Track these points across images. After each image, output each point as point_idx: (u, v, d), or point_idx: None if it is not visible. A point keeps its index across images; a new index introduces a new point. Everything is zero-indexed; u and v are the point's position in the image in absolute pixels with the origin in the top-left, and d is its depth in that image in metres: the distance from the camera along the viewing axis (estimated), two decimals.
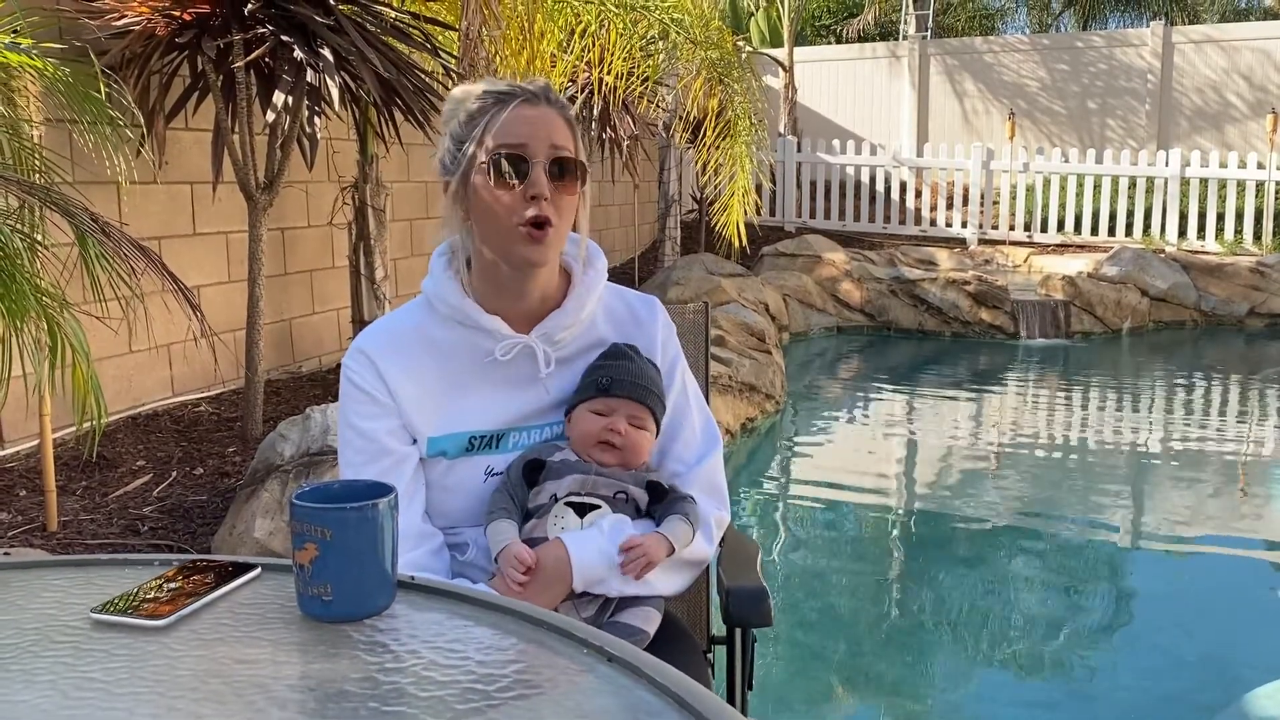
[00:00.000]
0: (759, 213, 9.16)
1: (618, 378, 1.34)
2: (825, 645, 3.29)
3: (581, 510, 1.30)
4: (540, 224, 1.28)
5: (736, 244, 7.73)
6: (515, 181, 1.27)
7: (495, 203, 1.28)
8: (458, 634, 0.87)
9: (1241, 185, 9.75)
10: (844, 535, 4.33)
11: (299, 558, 0.89)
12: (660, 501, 1.34)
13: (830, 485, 5.04)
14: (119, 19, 3.79)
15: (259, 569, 0.99)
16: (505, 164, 1.27)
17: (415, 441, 1.35)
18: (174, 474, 3.67)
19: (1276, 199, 9.62)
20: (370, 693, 0.76)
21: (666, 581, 1.35)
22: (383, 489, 0.92)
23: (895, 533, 4.36)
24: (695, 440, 1.44)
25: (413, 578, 0.97)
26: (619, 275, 8.90)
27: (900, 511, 4.62)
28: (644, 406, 1.35)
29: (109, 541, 3.10)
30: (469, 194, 1.31)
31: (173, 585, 0.95)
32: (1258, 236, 9.69)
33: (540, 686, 0.77)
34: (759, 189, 8.95)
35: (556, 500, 1.30)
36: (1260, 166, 9.62)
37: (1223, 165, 9.79)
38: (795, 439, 5.88)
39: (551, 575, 1.26)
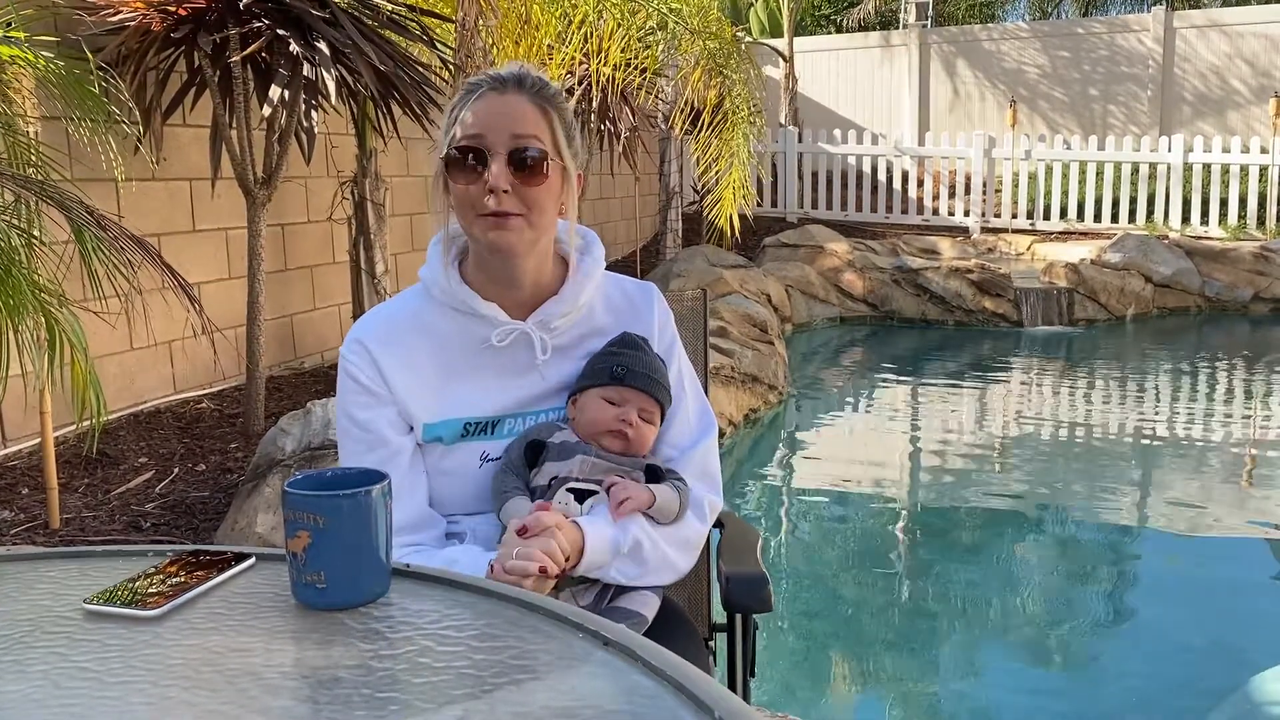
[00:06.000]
0: (759, 203, 9.13)
1: (633, 368, 1.34)
2: (830, 633, 3.28)
3: (581, 496, 1.30)
4: (500, 215, 1.27)
5: (728, 234, 7.71)
6: (474, 174, 1.27)
7: (458, 194, 1.29)
8: (452, 620, 0.86)
9: (1245, 170, 9.71)
10: (848, 525, 4.32)
11: (292, 546, 0.88)
12: (655, 483, 1.34)
13: (834, 475, 5.03)
14: (114, 14, 3.78)
15: (253, 558, 0.99)
16: (461, 156, 1.27)
17: (412, 429, 1.35)
18: (176, 470, 3.67)
19: None
20: (364, 679, 0.75)
21: (662, 568, 1.34)
22: (376, 476, 0.92)
23: (900, 521, 4.35)
24: (690, 426, 1.43)
25: (408, 565, 0.96)
26: (621, 268, 8.88)
27: (904, 500, 4.61)
28: (655, 400, 1.36)
29: (111, 539, 3.10)
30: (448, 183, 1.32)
31: (168, 576, 0.94)
32: (1261, 221, 9.65)
33: (535, 671, 0.77)
34: (758, 180, 8.93)
35: (556, 481, 1.30)
36: (1263, 151, 9.58)
37: (1225, 150, 9.75)
38: (798, 430, 5.88)
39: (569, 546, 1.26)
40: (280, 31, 3.72)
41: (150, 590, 0.91)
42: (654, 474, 1.35)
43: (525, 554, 1.17)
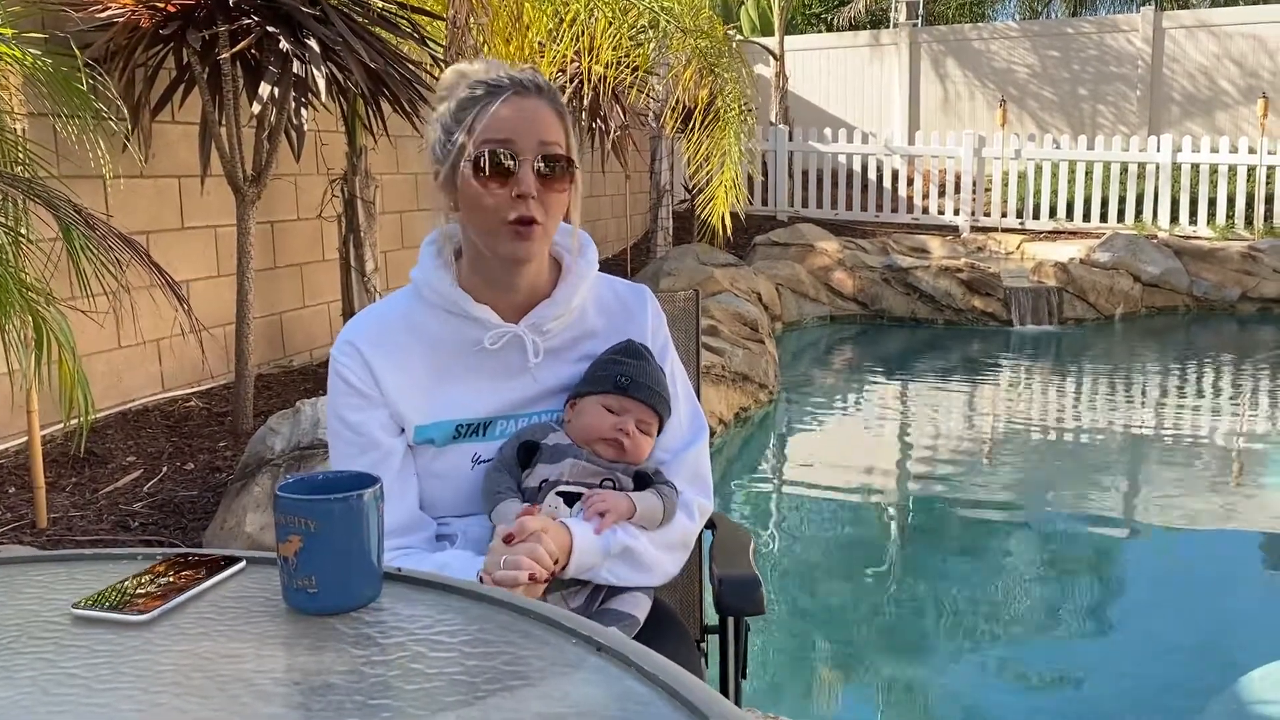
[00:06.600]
0: (750, 201, 9.14)
1: (637, 379, 1.33)
2: (820, 633, 3.29)
3: (570, 500, 1.29)
4: (526, 222, 1.26)
5: (720, 233, 7.72)
6: (502, 179, 1.25)
7: (481, 199, 1.26)
8: (445, 626, 0.85)
9: (1233, 170, 9.75)
10: (838, 524, 4.33)
11: (283, 550, 0.88)
12: (642, 489, 1.34)
13: (824, 474, 5.04)
14: (103, 11, 3.76)
15: (244, 562, 0.98)
16: (491, 161, 1.25)
17: (403, 431, 1.34)
18: (164, 469, 3.65)
19: (1267, 184, 9.63)
20: (356, 686, 0.75)
21: (653, 568, 1.33)
22: (367, 480, 0.91)
23: (889, 521, 4.36)
24: (682, 429, 1.43)
25: (399, 569, 0.95)
26: (611, 266, 8.88)
27: (894, 500, 4.62)
28: (655, 413, 1.35)
29: (99, 538, 3.08)
30: (457, 184, 1.29)
31: (157, 580, 0.93)
32: (1249, 221, 9.70)
33: (528, 677, 0.76)
34: (749, 179, 8.94)
35: (546, 485, 1.29)
36: (1251, 151, 9.63)
37: (1214, 150, 9.79)
38: (789, 428, 5.88)
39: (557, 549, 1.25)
40: (270, 28, 3.70)
41: (139, 593, 0.90)
42: (641, 479, 1.34)
43: (513, 562, 1.16)
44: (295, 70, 3.75)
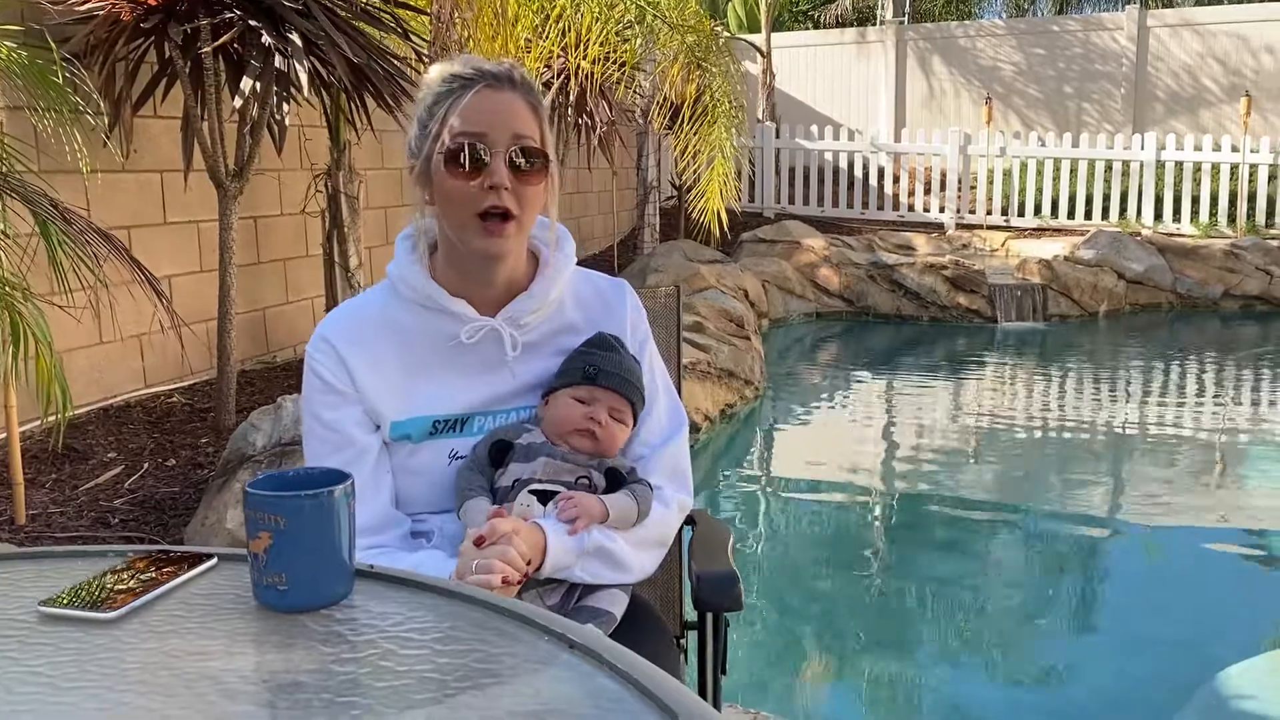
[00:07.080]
0: (739, 199, 9.15)
1: (605, 368, 1.32)
2: (804, 630, 3.29)
3: (545, 499, 1.28)
4: (499, 215, 1.25)
5: (715, 231, 7.72)
6: (474, 171, 1.25)
7: (453, 191, 1.26)
8: (416, 623, 0.85)
9: (1216, 168, 9.80)
10: (823, 521, 4.34)
11: (253, 546, 0.87)
12: (616, 488, 1.33)
13: (809, 470, 5.05)
14: (83, 4, 3.73)
15: (215, 559, 0.97)
16: (464, 153, 1.24)
17: (379, 428, 1.33)
18: (146, 465, 3.62)
19: (1250, 182, 9.69)
20: (325, 683, 0.74)
21: (630, 565, 1.33)
22: (338, 476, 0.90)
23: (874, 518, 4.37)
24: (661, 424, 1.42)
25: (371, 566, 0.95)
26: (598, 262, 8.87)
27: (879, 497, 4.63)
28: (626, 400, 1.34)
29: (79, 534, 3.06)
30: (431, 178, 1.29)
31: (127, 577, 0.92)
32: (1232, 219, 9.76)
33: (499, 675, 0.76)
34: (739, 174, 8.94)
35: (519, 483, 1.28)
36: (1234, 149, 9.68)
37: (1198, 149, 9.84)
38: (774, 425, 5.89)
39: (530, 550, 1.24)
40: (252, 22, 3.68)
41: (111, 589, 0.89)
42: (615, 478, 1.33)
43: (484, 566, 1.15)
44: (277, 64, 3.73)
